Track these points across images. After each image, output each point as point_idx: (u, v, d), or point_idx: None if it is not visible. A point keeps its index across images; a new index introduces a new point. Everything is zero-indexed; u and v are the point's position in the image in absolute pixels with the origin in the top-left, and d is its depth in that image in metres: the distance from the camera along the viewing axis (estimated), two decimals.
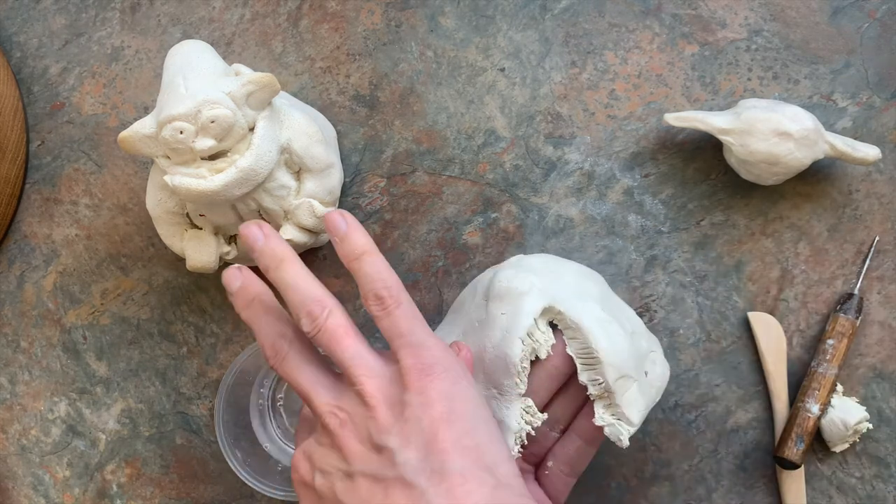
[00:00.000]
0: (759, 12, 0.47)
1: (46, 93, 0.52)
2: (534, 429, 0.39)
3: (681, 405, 0.46)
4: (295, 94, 0.49)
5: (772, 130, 0.42)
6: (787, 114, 0.43)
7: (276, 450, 0.47)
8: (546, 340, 0.39)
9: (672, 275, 0.47)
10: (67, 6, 0.52)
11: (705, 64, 0.48)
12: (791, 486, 0.45)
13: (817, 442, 0.45)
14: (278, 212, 0.43)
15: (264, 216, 0.44)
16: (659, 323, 0.47)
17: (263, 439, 0.47)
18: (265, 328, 0.36)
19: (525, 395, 0.39)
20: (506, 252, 0.48)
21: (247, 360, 0.45)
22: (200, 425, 0.49)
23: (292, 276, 0.35)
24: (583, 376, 0.39)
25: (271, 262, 0.36)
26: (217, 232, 0.45)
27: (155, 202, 0.44)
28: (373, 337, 0.48)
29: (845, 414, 0.44)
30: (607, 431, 0.38)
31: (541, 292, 0.40)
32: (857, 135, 0.46)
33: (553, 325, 0.40)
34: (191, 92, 0.39)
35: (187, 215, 0.44)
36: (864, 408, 0.44)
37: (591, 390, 0.38)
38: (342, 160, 0.48)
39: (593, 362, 0.38)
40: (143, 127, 0.41)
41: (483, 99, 0.49)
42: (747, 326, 0.46)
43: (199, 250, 0.44)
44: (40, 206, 0.51)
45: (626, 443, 0.38)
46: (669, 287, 0.47)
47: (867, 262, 0.46)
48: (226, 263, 0.47)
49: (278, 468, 0.46)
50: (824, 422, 0.44)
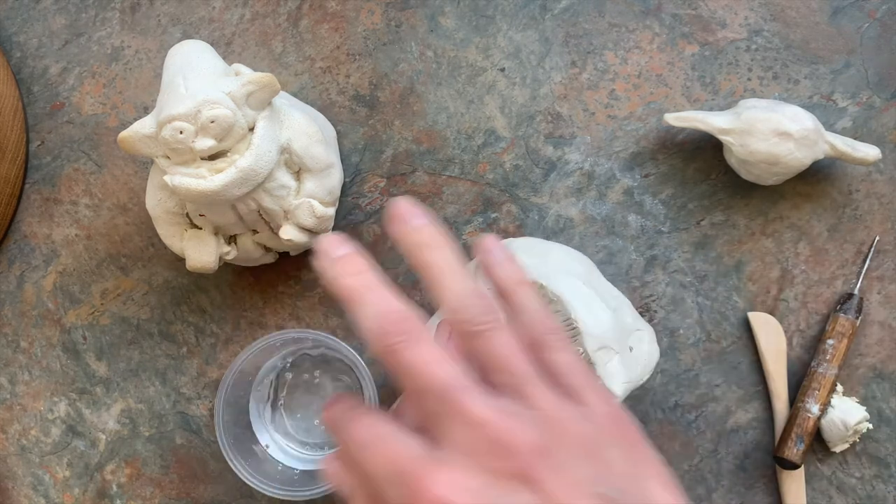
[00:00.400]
0: (759, 12, 0.47)
1: (46, 93, 0.52)
2: None
3: (681, 405, 0.46)
4: (295, 94, 0.49)
5: (772, 130, 0.42)
6: (787, 114, 0.43)
7: (275, 450, 0.47)
8: None
9: (672, 275, 0.47)
10: (67, 6, 0.52)
11: (705, 64, 0.48)
12: (791, 487, 0.45)
13: (817, 442, 0.45)
14: (278, 212, 0.43)
15: (264, 216, 0.44)
16: (659, 323, 0.47)
17: (264, 439, 0.47)
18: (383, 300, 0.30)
19: None
20: None
21: (247, 360, 0.45)
22: (200, 425, 0.49)
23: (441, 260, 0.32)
24: None
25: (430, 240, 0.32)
26: (217, 232, 0.45)
27: (155, 202, 0.44)
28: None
29: (845, 414, 0.44)
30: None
31: (525, 268, 0.40)
32: (857, 135, 0.46)
33: None
34: (191, 92, 0.39)
35: (187, 215, 0.44)
36: (864, 408, 0.44)
37: None
38: (342, 160, 0.48)
39: (573, 333, 0.39)
40: (142, 127, 0.41)
41: (483, 99, 0.49)
42: (747, 326, 0.46)
43: (199, 250, 0.44)
44: (40, 206, 0.51)
45: None
46: (669, 287, 0.47)
47: (867, 262, 0.46)
48: (226, 264, 0.47)
49: (278, 468, 0.46)
50: (824, 422, 0.44)
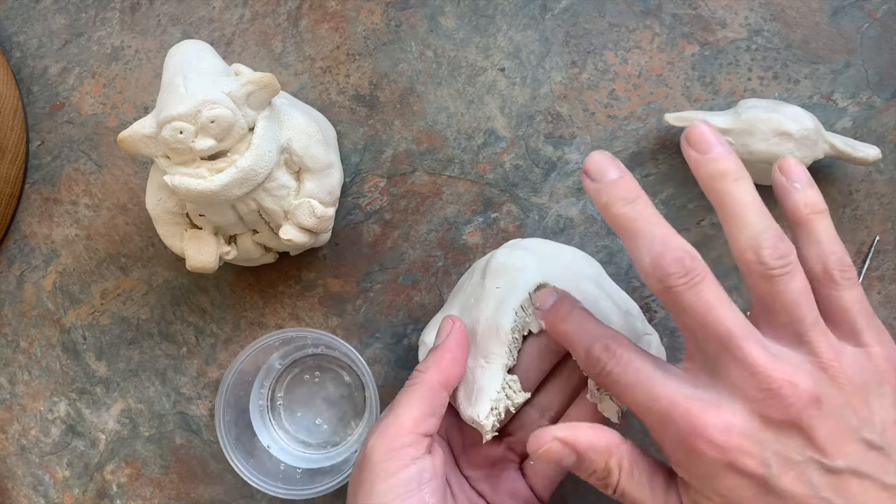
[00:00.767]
0: (759, 12, 0.47)
1: (46, 93, 0.52)
2: (514, 405, 0.38)
3: None
4: (295, 94, 0.49)
5: (772, 130, 0.42)
6: (787, 114, 0.43)
7: (276, 449, 0.47)
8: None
9: None
10: (67, 6, 0.52)
11: (705, 64, 0.48)
12: None
13: None
14: (278, 212, 0.43)
15: (264, 216, 0.44)
16: (659, 323, 0.47)
17: (264, 439, 0.47)
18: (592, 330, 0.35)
19: (515, 371, 0.39)
20: None
21: (247, 359, 0.45)
22: (200, 425, 0.49)
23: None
24: None
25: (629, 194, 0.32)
26: (217, 232, 0.45)
27: (155, 202, 0.44)
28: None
29: None
30: (600, 408, 0.38)
31: (536, 269, 0.40)
32: (857, 135, 0.46)
33: None
34: (191, 92, 0.39)
35: (187, 215, 0.44)
36: None
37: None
38: (342, 160, 0.48)
39: None
40: (142, 127, 0.41)
41: (483, 99, 0.49)
42: None
43: (199, 250, 0.44)
44: (40, 206, 0.51)
45: (617, 419, 0.38)
46: None
47: (867, 262, 0.46)
48: (226, 264, 0.47)
49: (281, 467, 0.46)
50: None
